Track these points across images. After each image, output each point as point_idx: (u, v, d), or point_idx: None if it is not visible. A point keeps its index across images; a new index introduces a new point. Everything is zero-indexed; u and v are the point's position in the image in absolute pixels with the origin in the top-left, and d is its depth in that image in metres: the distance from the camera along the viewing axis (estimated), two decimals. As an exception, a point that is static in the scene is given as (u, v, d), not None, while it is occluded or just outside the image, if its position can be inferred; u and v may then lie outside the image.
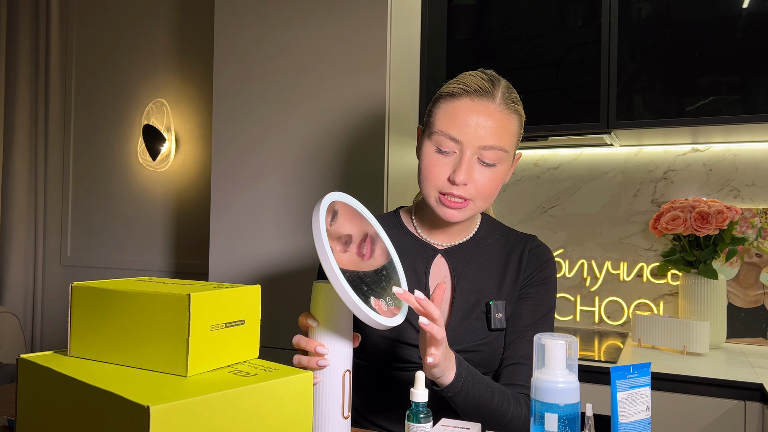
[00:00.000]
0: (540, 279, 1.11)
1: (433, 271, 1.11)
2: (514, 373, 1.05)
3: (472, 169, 1.01)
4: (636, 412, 0.73)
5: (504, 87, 1.05)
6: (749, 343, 1.90)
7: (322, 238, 0.79)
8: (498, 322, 1.06)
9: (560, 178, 2.16)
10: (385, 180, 1.78)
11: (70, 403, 0.64)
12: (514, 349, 1.07)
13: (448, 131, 1.01)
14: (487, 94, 1.02)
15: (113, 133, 2.88)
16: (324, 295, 0.85)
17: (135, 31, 2.84)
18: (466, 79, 1.04)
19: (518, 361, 1.06)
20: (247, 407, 0.63)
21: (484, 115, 1.01)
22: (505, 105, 1.03)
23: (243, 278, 1.98)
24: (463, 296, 1.08)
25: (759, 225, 1.92)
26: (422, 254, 1.12)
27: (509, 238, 1.15)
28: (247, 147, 1.99)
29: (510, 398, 0.99)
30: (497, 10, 1.96)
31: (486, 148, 1.00)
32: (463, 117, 1.01)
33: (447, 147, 1.01)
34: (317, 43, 1.90)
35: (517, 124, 1.05)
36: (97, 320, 0.72)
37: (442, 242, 1.13)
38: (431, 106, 1.08)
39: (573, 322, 2.13)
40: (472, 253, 1.12)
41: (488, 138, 1.00)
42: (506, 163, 1.04)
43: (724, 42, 1.71)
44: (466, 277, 1.10)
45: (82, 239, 2.94)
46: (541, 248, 1.13)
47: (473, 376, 0.94)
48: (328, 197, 0.86)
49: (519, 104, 1.07)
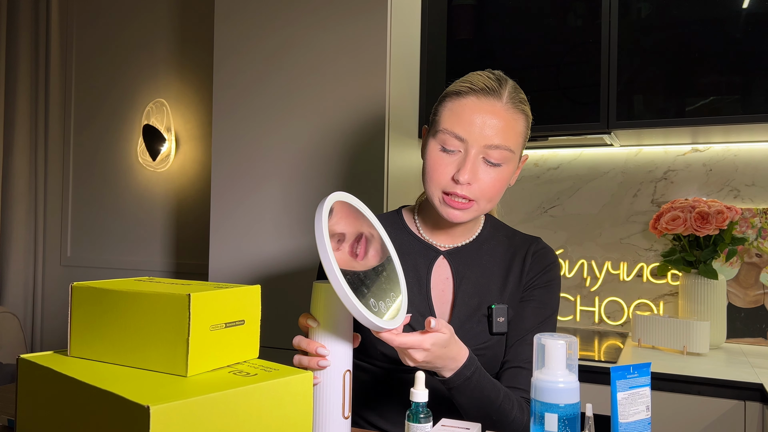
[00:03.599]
0: (543, 282, 1.09)
1: (435, 273, 1.10)
2: (515, 377, 1.04)
3: (477, 169, 1.00)
4: (636, 412, 0.73)
5: (511, 86, 1.04)
6: (749, 343, 1.90)
7: (324, 238, 0.78)
8: (499, 326, 1.05)
9: (560, 178, 2.16)
10: (385, 180, 1.78)
11: (70, 403, 0.64)
12: (515, 352, 1.06)
13: (453, 129, 1.00)
14: (494, 93, 1.01)
15: (113, 133, 2.88)
16: (324, 295, 0.85)
17: (135, 31, 2.84)
18: (473, 78, 1.03)
19: (519, 364, 1.05)
20: (247, 407, 0.63)
21: (490, 114, 1.00)
22: (512, 104, 1.02)
23: (243, 278, 1.98)
24: (465, 299, 1.07)
25: (759, 225, 1.92)
26: (424, 255, 1.10)
27: (513, 240, 1.13)
28: (248, 147, 1.99)
29: (515, 403, 0.98)
30: (497, 10, 1.96)
31: (491, 147, 0.99)
32: (468, 115, 1.00)
33: (452, 146, 1.00)
34: (317, 43, 1.89)
35: (523, 124, 1.04)
36: (97, 320, 0.72)
37: (445, 243, 1.11)
38: (437, 105, 1.07)
39: (573, 322, 2.13)
40: (474, 255, 1.10)
41: (494, 137, 0.99)
42: (512, 163, 1.03)
43: (724, 42, 1.71)
44: (469, 279, 1.08)
45: (82, 239, 2.94)
46: (545, 251, 1.12)
47: (478, 374, 0.93)
48: (331, 197, 0.85)
49: (526, 104, 1.05)
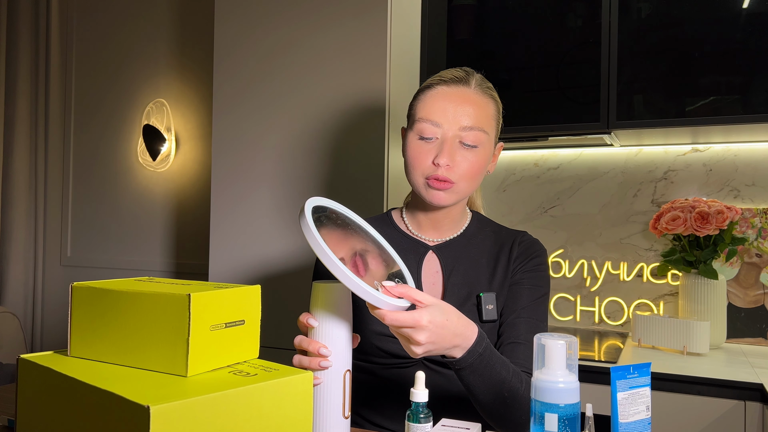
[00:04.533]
0: (532, 266, 1.12)
1: (425, 267, 1.13)
2: (512, 352, 1.05)
3: (455, 152, 1.05)
4: (636, 412, 0.73)
5: (478, 77, 1.11)
6: (749, 343, 1.90)
7: (311, 230, 0.79)
8: (489, 313, 1.07)
9: (560, 178, 2.16)
10: (385, 180, 1.78)
11: (70, 403, 0.64)
12: (511, 328, 1.07)
13: (429, 117, 1.06)
14: (463, 81, 1.08)
15: (113, 133, 2.88)
16: (324, 294, 0.85)
17: (135, 31, 2.84)
18: (442, 72, 1.11)
19: (516, 340, 1.06)
20: (247, 407, 0.63)
21: (460, 98, 1.06)
22: (480, 90, 1.09)
23: (243, 278, 1.98)
24: (455, 290, 1.10)
25: (759, 225, 1.92)
26: (414, 251, 1.14)
27: (500, 234, 1.17)
28: (247, 147, 1.99)
29: (522, 378, 0.96)
30: (497, 10, 1.96)
31: (466, 129, 1.05)
32: (441, 102, 1.06)
33: (429, 133, 1.06)
34: (318, 44, 1.89)
35: (494, 108, 1.10)
36: (97, 320, 0.72)
37: (433, 238, 1.15)
38: (411, 101, 1.13)
39: (573, 322, 2.13)
40: (463, 249, 1.14)
41: (466, 118, 1.05)
42: (487, 146, 1.08)
43: (724, 42, 1.71)
44: (457, 271, 1.11)
45: (82, 239, 2.94)
46: (531, 241, 1.16)
47: (489, 350, 0.91)
48: (309, 201, 0.85)
49: (494, 92, 1.12)
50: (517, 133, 1.95)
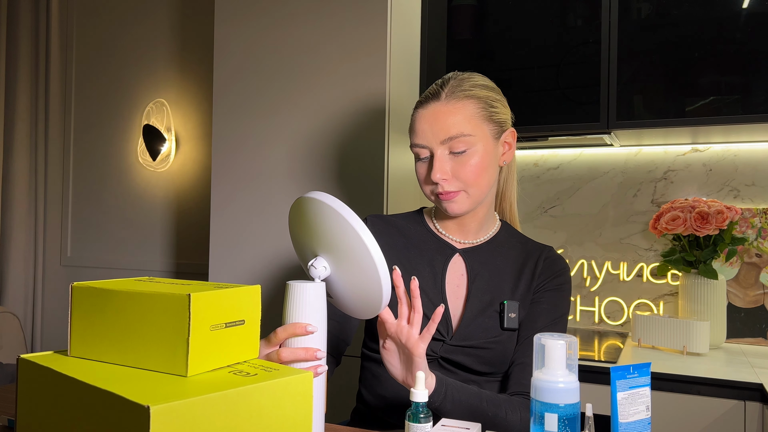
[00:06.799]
0: (554, 285, 1.14)
1: (451, 269, 1.15)
2: (522, 372, 1.08)
3: (446, 164, 1.08)
4: (636, 412, 0.73)
5: (453, 83, 1.10)
6: (749, 343, 1.90)
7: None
8: (511, 321, 1.09)
9: (560, 178, 2.16)
10: (385, 180, 1.78)
11: (70, 403, 0.64)
12: (525, 349, 1.10)
13: (415, 141, 1.11)
14: (434, 97, 1.09)
15: (113, 133, 2.88)
16: (301, 294, 0.86)
17: (135, 31, 2.84)
18: (426, 90, 1.14)
19: (527, 360, 1.09)
20: (247, 407, 0.63)
21: (433, 116, 1.08)
22: (451, 97, 1.08)
23: (243, 278, 1.98)
24: (478, 294, 1.12)
25: (759, 225, 1.92)
26: (441, 252, 1.16)
27: (526, 246, 1.19)
28: (247, 147, 1.99)
29: (501, 404, 1.00)
30: (497, 10, 1.96)
31: (447, 141, 1.07)
32: (419, 125, 1.10)
33: (422, 154, 1.10)
34: (318, 44, 1.89)
35: (473, 106, 1.08)
36: (97, 320, 0.72)
37: (460, 239, 1.17)
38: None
39: (573, 322, 2.13)
40: (489, 256, 1.16)
41: (442, 133, 1.07)
42: (480, 144, 1.08)
43: (724, 42, 1.71)
44: (482, 276, 1.13)
45: (82, 239, 2.94)
46: (556, 257, 1.17)
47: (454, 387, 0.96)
48: (314, 193, 0.87)
49: (475, 89, 1.09)
50: (517, 133, 1.95)
